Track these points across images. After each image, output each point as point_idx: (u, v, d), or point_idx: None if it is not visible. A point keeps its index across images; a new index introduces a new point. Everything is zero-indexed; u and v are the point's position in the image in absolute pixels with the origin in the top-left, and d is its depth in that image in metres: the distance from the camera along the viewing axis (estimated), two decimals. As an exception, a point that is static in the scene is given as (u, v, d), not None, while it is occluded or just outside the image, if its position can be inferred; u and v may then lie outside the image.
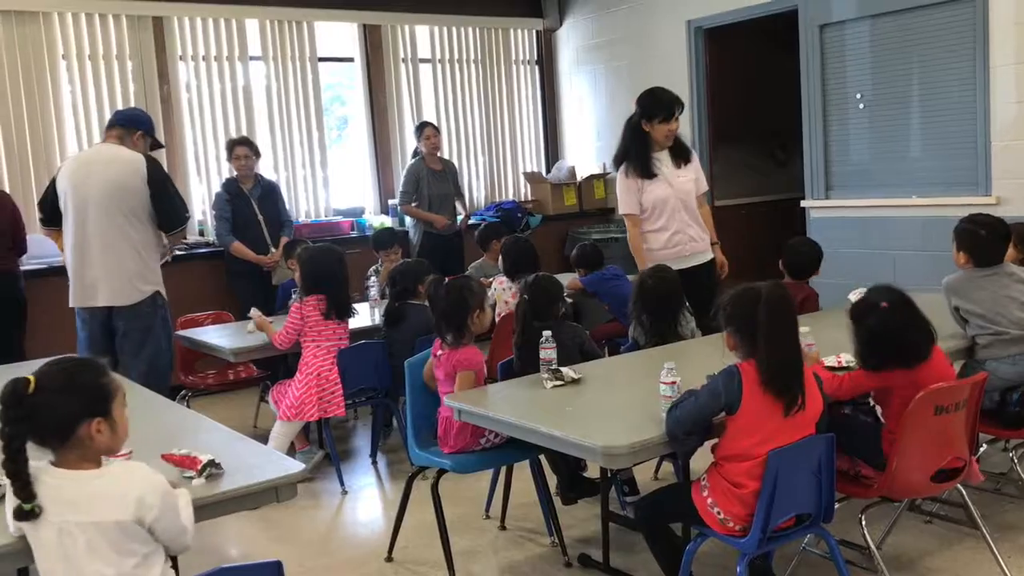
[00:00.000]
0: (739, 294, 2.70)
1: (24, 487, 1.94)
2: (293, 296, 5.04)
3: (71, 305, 4.53)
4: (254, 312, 4.74)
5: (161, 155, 5.41)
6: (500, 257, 5.50)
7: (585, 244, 5.81)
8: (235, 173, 6.30)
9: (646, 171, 4.67)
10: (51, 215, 4.58)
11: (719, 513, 2.63)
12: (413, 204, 6.94)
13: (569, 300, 4.90)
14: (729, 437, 2.62)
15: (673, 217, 4.68)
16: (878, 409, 3.10)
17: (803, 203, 6.84)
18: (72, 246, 4.47)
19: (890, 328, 2.91)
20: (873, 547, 2.97)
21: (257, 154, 6.35)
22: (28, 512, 1.95)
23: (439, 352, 3.50)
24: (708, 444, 2.74)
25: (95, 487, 1.99)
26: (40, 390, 1.96)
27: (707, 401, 2.60)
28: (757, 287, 2.66)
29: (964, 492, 3.13)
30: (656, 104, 4.64)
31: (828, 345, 3.18)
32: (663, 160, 4.71)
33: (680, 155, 4.75)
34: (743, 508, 2.60)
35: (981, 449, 3.60)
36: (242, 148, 6.25)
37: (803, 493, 2.66)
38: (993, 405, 3.42)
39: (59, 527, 1.96)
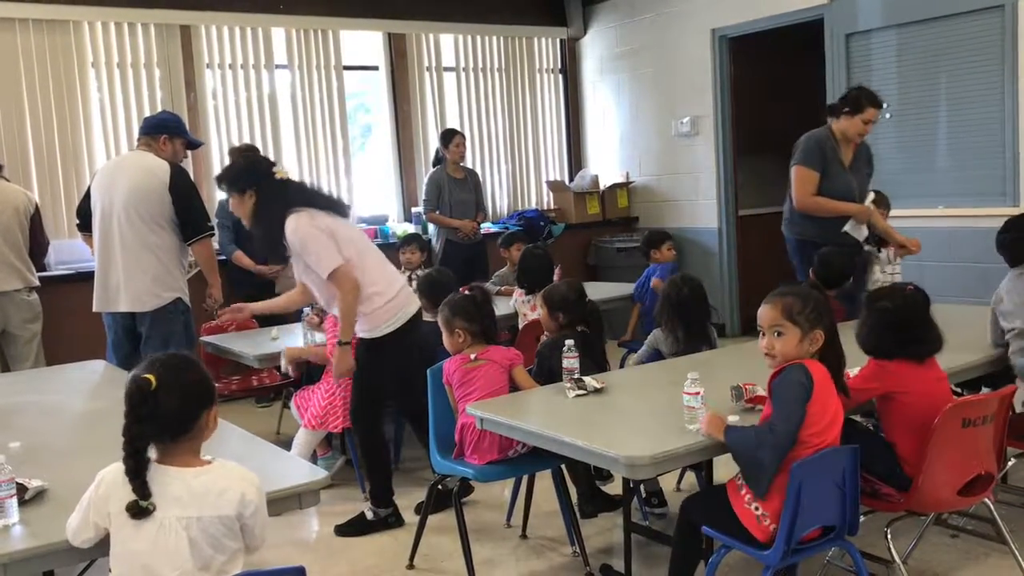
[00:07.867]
0: (809, 295, 2.68)
1: (143, 485, 1.98)
2: (305, 311, 5.05)
3: (94, 310, 4.59)
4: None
5: (187, 162, 5.45)
6: (517, 269, 5.48)
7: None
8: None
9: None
10: (86, 221, 4.67)
11: (757, 508, 2.60)
12: (436, 212, 6.97)
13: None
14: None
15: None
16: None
17: (828, 213, 6.79)
18: (98, 252, 4.55)
19: (910, 312, 2.91)
20: (898, 561, 2.94)
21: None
22: (144, 509, 1.98)
23: (478, 356, 3.51)
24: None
25: (201, 483, 2.03)
26: (162, 386, 2.00)
27: (798, 400, 2.54)
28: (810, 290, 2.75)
29: (992, 506, 3.09)
30: None
31: (852, 357, 3.13)
32: None
33: None
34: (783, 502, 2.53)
35: (1010, 463, 3.56)
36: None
37: (827, 504, 2.63)
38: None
39: (161, 523, 1.99)
